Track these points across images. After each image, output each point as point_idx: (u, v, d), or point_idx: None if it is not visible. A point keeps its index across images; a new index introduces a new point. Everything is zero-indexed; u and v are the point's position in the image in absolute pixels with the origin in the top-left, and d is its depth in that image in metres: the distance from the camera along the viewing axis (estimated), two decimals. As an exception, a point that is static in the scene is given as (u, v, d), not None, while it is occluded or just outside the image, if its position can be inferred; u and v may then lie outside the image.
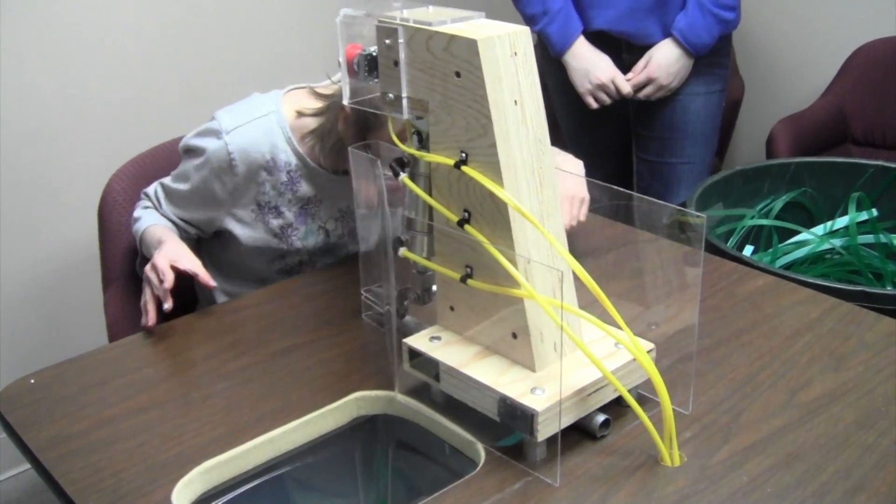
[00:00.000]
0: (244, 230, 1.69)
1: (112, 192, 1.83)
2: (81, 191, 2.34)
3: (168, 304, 1.52)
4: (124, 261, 1.82)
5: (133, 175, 1.85)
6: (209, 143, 1.61)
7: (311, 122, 1.62)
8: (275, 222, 1.68)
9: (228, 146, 1.59)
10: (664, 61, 2.31)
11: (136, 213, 1.73)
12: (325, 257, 1.76)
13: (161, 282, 1.51)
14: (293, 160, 1.64)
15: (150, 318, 1.52)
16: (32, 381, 1.40)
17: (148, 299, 1.54)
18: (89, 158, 2.42)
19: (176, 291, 1.53)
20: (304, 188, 1.67)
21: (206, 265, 1.80)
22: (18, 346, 2.44)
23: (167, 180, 1.72)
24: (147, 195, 1.75)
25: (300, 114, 1.63)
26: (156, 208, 1.73)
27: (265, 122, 1.62)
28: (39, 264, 2.44)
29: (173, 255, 1.56)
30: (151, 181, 1.78)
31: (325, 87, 1.63)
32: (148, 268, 1.56)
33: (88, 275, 2.00)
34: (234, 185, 1.63)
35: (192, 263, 1.56)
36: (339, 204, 1.71)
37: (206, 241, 1.80)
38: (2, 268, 2.37)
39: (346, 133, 1.54)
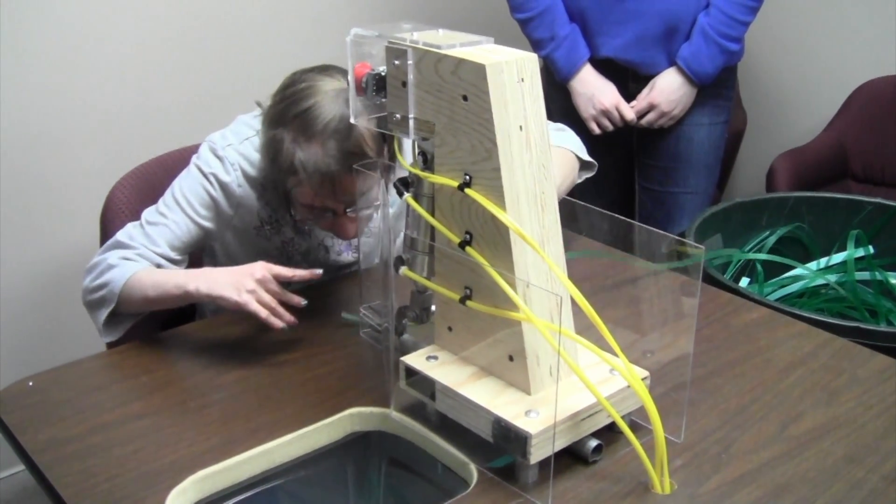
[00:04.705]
0: (242, 248, 1.68)
1: (115, 202, 1.81)
2: (84, 195, 2.34)
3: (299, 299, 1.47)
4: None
5: (136, 185, 1.84)
6: (206, 165, 1.61)
7: None
8: (276, 239, 1.68)
9: (226, 161, 1.60)
10: (666, 88, 2.32)
11: (112, 261, 1.52)
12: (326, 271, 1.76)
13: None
14: None
15: (287, 317, 1.45)
16: (31, 383, 1.41)
17: (268, 306, 1.44)
18: (93, 163, 2.42)
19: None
20: None
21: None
22: (18, 349, 2.44)
23: (149, 215, 1.61)
24: (120, 244, 1.56)
25: None
26: (134, 258, 1.55)
27: (256, 141, 1.62)
28: (41, 267, 2.44)
29: (257, 268, 1.45)
30: (155, 191, 1.72)
31: None
32: (251, 283, 1.43)
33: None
34: (237, 202, 1.63)
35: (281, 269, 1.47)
36: None
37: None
38: (3, 270, 2.37)
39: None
